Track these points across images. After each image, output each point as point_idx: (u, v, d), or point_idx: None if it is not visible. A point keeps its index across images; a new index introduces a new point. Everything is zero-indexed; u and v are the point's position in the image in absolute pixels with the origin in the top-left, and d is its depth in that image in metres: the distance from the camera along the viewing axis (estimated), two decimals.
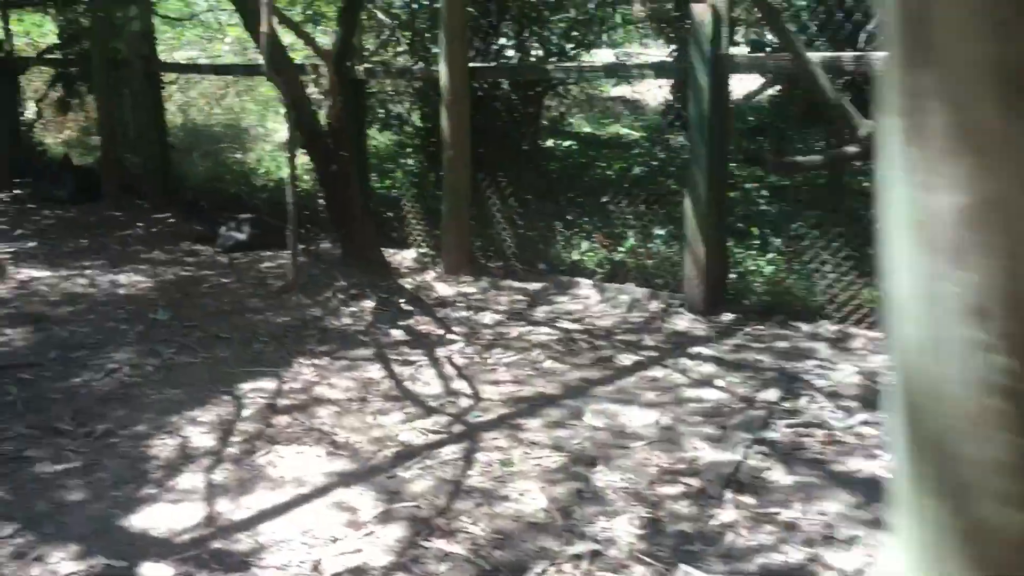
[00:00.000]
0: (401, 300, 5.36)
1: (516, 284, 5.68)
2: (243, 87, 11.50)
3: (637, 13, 9.85)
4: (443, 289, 5.63)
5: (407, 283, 5.74)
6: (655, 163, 9.02)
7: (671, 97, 12.26)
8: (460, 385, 4.08)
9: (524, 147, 7.19)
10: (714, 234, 4.77)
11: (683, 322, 4.85)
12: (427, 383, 4.11)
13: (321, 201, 6.99)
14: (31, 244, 6.88)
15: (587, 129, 11.97)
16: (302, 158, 7.52)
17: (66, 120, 10.52)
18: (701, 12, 4.52)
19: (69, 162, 9.10)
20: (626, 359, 4.36)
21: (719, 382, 4.04)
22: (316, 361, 4.38)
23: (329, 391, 4.02)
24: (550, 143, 8.71)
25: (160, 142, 8.28)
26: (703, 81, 4.58)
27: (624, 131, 12.90)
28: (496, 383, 4.09)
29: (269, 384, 4.10)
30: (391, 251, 6.26)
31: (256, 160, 9.43)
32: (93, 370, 4.28)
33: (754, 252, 5.30)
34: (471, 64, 5.65)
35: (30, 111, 10.29)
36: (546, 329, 4.81)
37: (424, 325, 4.92)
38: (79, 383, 4.13)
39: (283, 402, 3.90)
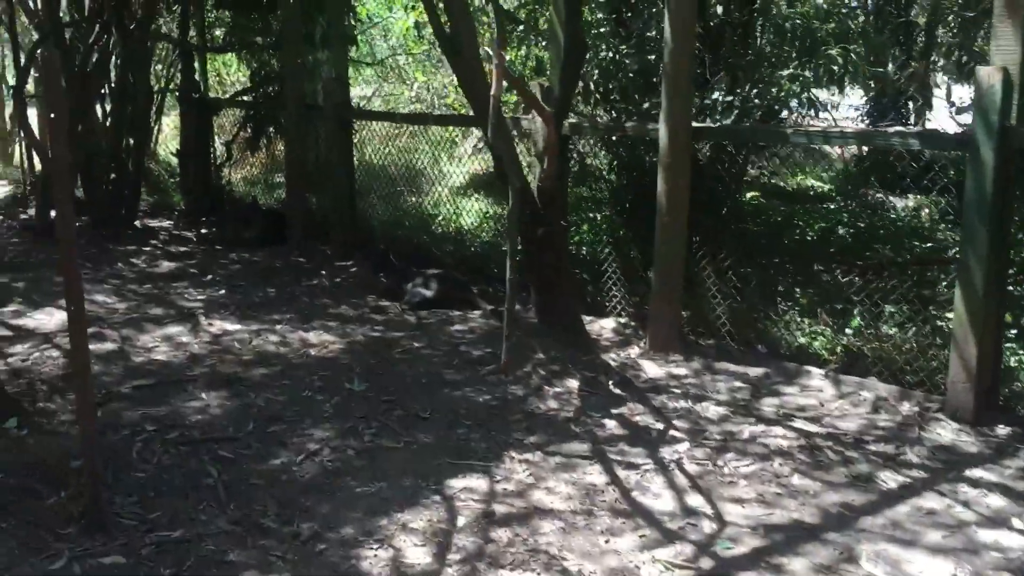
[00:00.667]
0: (609, 381, 4.88)
1: (733, 367, 5.10)
2: (417, 128, 11.47)
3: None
4: (652, 369, 5.11)
5: (611, 359, 5.25)
6: (860, 225, 8.23)
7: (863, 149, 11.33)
8: (696, 501, 3.54)
9: (725, 207, 6.60)
10: (992, 332, 4.04)
11: (946, 433, 4.14)
12: (657, 495, 3.59)
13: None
14: (221, 292, 6.83)
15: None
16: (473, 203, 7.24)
17: (248, 159, 10.68)
18: (989, 76, 3.86)
19: (257, 204, 9.17)
20: (888, 479, 3.70)
21: (1017, 523, 3.32)
22: (528, 456, 3.94)
23: (548, 498, 3.56)
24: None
25: (349, 188, 8.17)
26: (987, 156, 3.90)
27: (812, 182, 12.07)
28: (739, 501, 3.53)
29: (480, 483, 3.69)
30: (586, 319, 5.79)
31: (433, 204, 9.22)
32: (293, 450, 4.00)
33: None
34: (695, 124, 5.14)
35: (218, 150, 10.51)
36: (781, 430, 4.20)
37: (639, 415, 4.41)
38: (280, 466, 3.84)
39: (499, 509, 3.47)
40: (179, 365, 5.14)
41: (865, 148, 10.94)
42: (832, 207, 9.61)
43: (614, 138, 6.05)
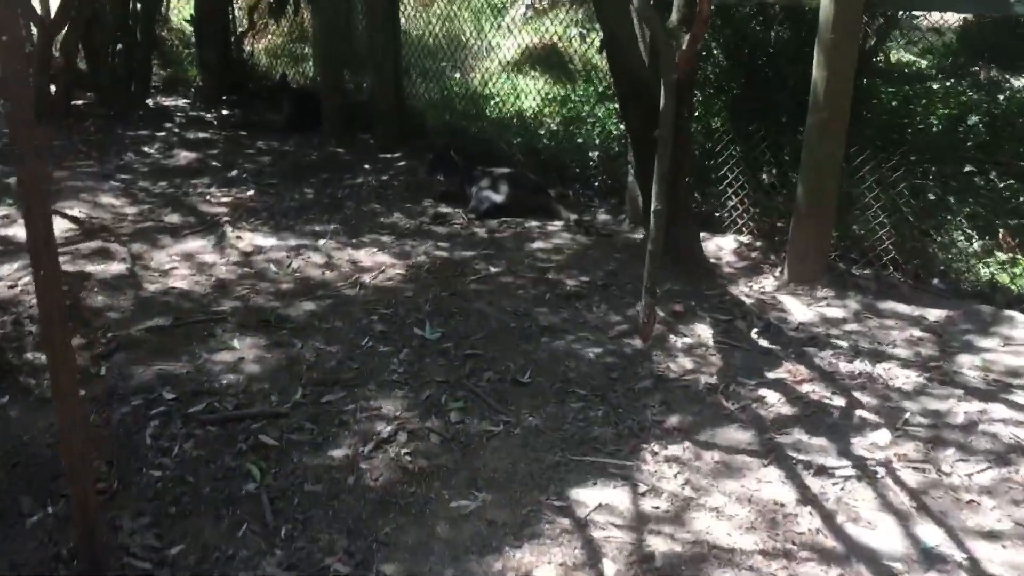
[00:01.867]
0: (750, 328, 3.79)
1: (902, 308, 3.99)
2: None
3: None
4: (798, 309, 4.00)
5: (742, 294, 4.14)
6: (995, 112, 6.90)
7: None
8: (932, 535, 2.51)
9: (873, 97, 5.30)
10: None
11: None
12: (872, 523, 2.56)
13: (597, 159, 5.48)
14: (249, 192, 5.72)
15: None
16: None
17: (271, 27, 9.30)
18: None
19: (285, 83, 7.93)
20: None
21: None
22: (675, 451, 2.91)
23: (720, 525, 2.54)
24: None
25: (394, 65, 6.91)
26: None
27: (907, 57, 10.51)
28: (993, 537, 2.50)
29: (620, 496, 2.68)
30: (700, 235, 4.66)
31: (482, 83, 7.93)
32: (357, 434, 2.99)
33: None
34: None
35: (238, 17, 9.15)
36: (1004, 410, 3.12)
37: (806, 383, 3.34)
38: (343, 460, 2.84)
39: (657, 545, 2.45)
40: (203, 296, 4.10)
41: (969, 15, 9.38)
42: (938, 88, 8.21)
43: (750, 9, 4.72)
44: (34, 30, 7.94)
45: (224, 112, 8.39)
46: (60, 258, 4.37)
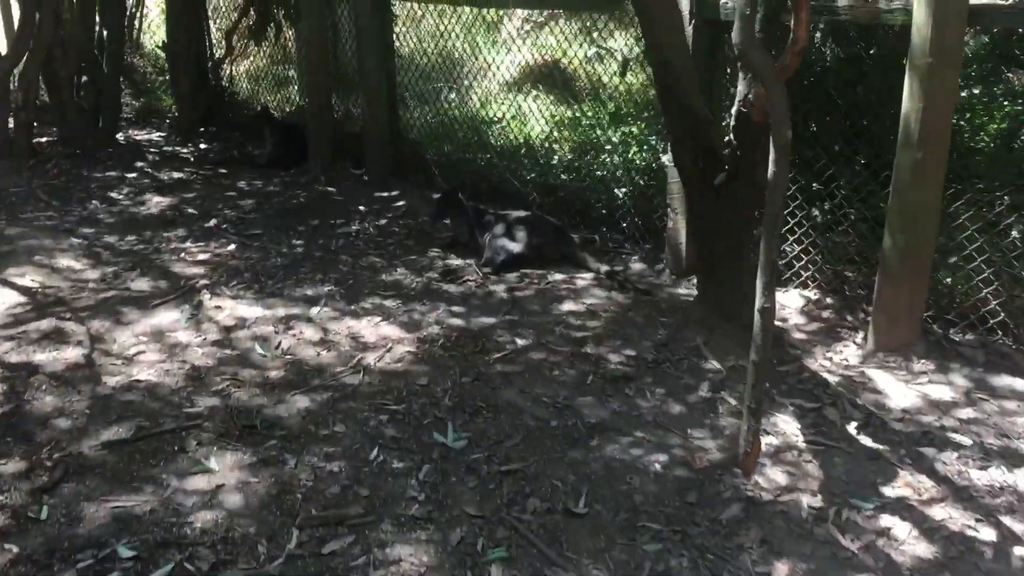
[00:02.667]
0: (843, 418, 3.08)
1: (1021, 385, 3.28)
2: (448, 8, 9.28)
3: None
4: (893, 389, 3.31)
5: (822, 369, 3.45)
6: None
7: None
8: None
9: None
10: None
11: None
12: None
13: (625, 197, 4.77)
14: (230, 247, 4.98)
15: None
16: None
17: (251, 50, 8.55)
18: None
19: (267, 113, 7.19)
20: None
21: None
22: None
23: None
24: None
25: (388, 90, 6.20)
26: None
27: None
28: None
29: None
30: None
31: (480, 103, 7.22)
32: None
33: None
34: (974, 1, 3.17)
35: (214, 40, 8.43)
36: None
37: (936, 502, 2.64)
38: None
39: None
40: (174, 391, 3.38)
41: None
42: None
43: (814, 27, 4.04)
44: None
45: (202, 146, 7.67)
46: (4, 346, 3.66)
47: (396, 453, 2.97)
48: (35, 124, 7.24)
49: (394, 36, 6.29)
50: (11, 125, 7.05)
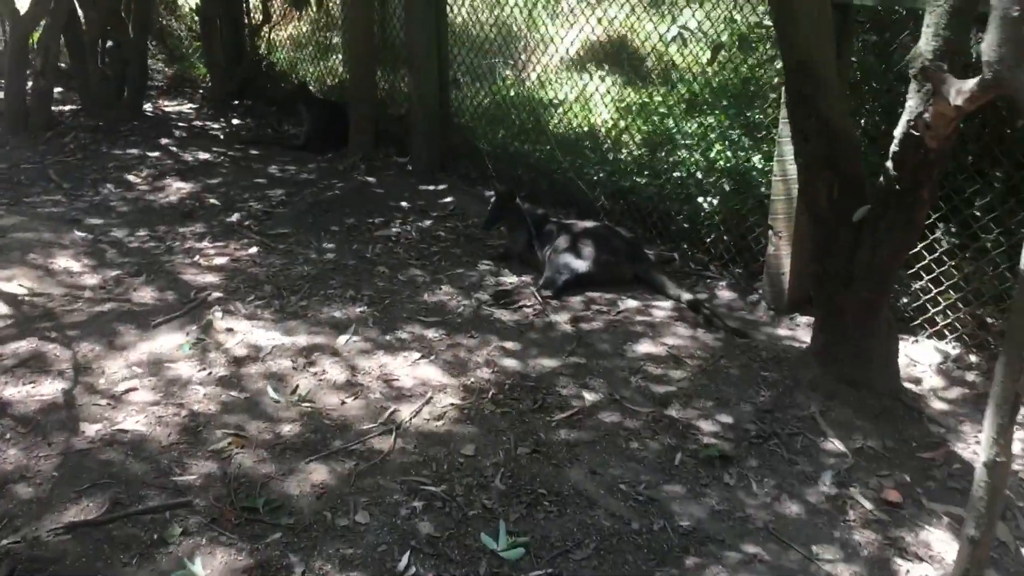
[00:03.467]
0: (1020, 543, 2.33)
1: None
2: None
3: None
4: None
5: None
6: None
7: None
8: None
9: None
10: None
11: None
12: None
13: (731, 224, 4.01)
14: (251, 250, 4.32)
15: None
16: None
17: (291, 17, 7.84)
18: None
19: (305, 90, 6.50)
20: None
21: None
22: None
23: None
24: None
25: (439, 70, 5.47)
26: None
27: None
28: None
29: None
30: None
31: (539, 83, 6.46)
32: None
33: None
34: None
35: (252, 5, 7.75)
36: None
37: None
38: None
39: None
40: (163, 450, 2.75)
41: None
42: None
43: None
44: (6, 25, 6.64)
45: (235, 121, 7.03)
46: None
47: (432, 562, 2.29)
48: (55, 92, 6.65)
49: (447, 3, 5.53)
50: (29, 93, 6.47)
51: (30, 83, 6.49)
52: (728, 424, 2.91)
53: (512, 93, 6.09)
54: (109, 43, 6.88)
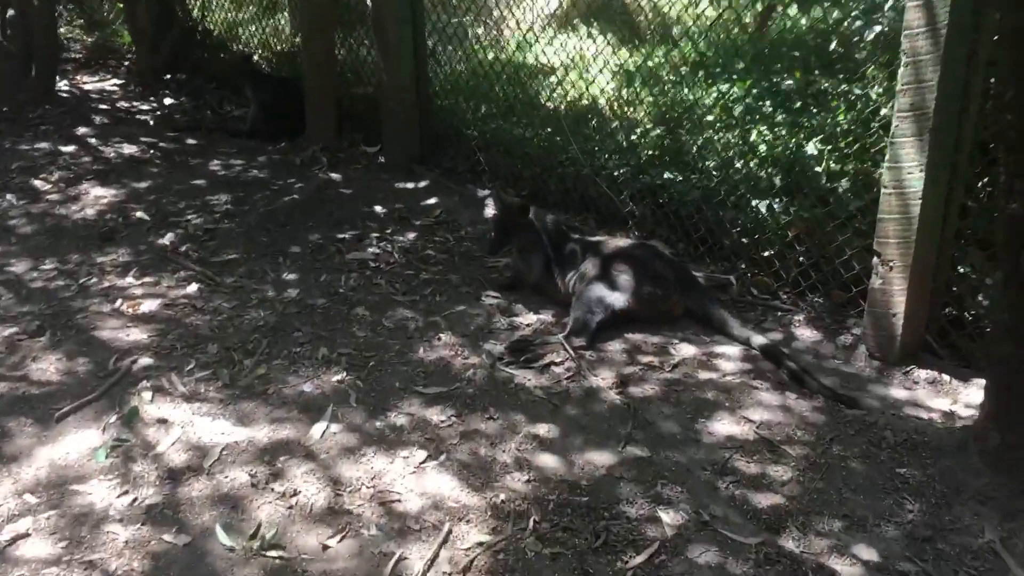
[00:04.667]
0: None
1: None
2: None
3: None
4: None
5: None
6: None
7: None
8: None
9: None
10: None
11: None
12: None
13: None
14: (190, 289, 3.34)
15: None
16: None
17: None
18: None
19: (251, 65, 5.45)
20: None
21: None
22: None
23: None
24: None
25: (414, 38, 4.47)
26: None
27: None
28: None
29: None
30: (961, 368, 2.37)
31: (523, 46, 5.49)
32: None
33: None
34: None
35: None
36: None
37: None
38: None
39: None
40: None
41: None
42: None
43: None
44: None
45: (167, 101, 5.96)
46: None
47: None
48: None
49: None
50: None
51: None
52: (874, 563, 2.06)
53: (490, 57, 5.09)
54: (10, 12, 5.73)
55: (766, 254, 3.36)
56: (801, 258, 3.23)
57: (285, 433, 2.54)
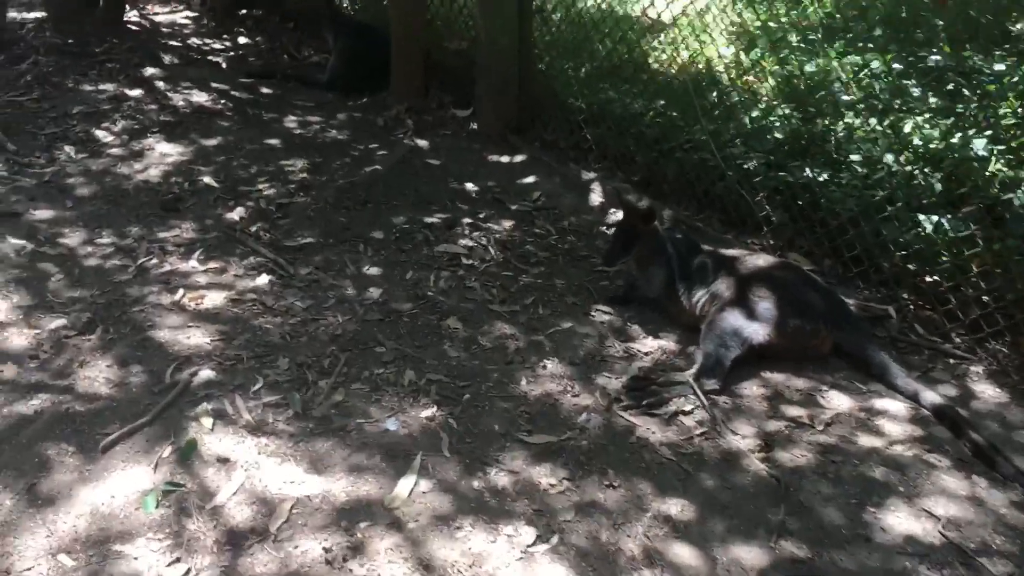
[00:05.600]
0: None
1: None
2: None
3: None
4: None
5: None
6: None
7: None
8: None
9: None
10: None
11: None
12: None
13: None
14: (260, 280, 2.94)
15: None
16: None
17: None
18: None
19: (334, 9, 4.95)
20: None
21: None
22: None
23: None
24: None
25: (520, 3, 3.92)
26: None
27: None
28: None
29: None
30: None
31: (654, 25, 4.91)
32: None
33: None
34: None
35: None
36: None
37: None
38: None
39: None
40: None
41: None
42: None
43: None
44: None
45: (241, 40, 5.51)
46: None
47: None
48: (7, 3, 5.15)
49: None
50: None
51: None
52: None
53: (589, 2, 4.49)
54: None
55: (935, 281, 2.81)
56: (985, 297, 2.67)
57: (366, 488, 2.12)
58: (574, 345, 2.74)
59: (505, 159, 3.94)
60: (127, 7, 5.55)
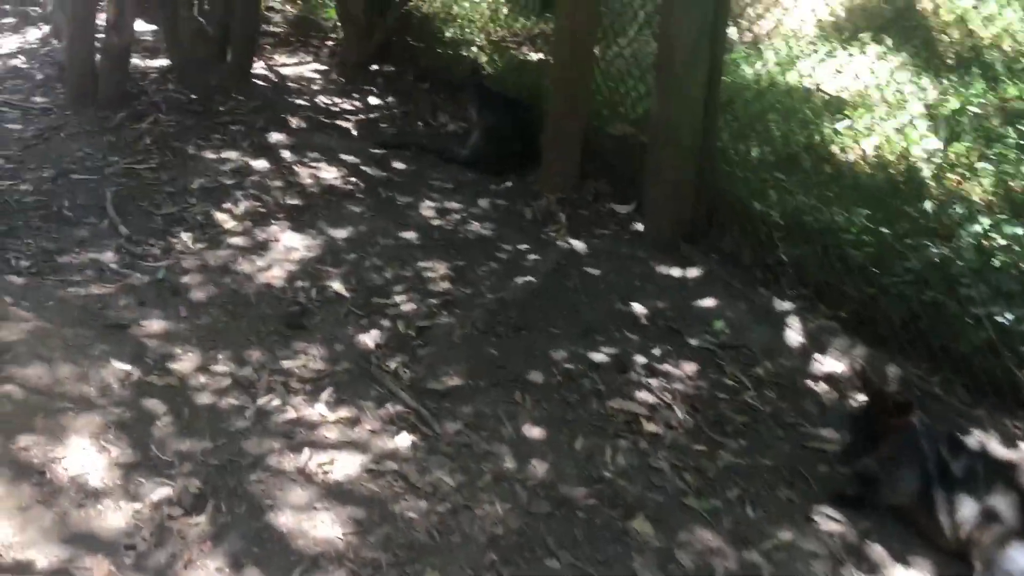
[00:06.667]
0: None
1: None
2: None
3: None
4: None
5: None
6: None
7: None
8: None
9: None
10: None
11: None
12: None
13: None
14: (402, 441, 2.41)
15: None
16: None
17: None
18: None
19: (478, 78, 4.48)
20: None
21: None
22: None
23: None
24: None
25: (709, 86, 3.32)
26: None
27: None
28: None
29: None
30: None
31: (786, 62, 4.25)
32: None
33: None
34: None
35: None
36: None
37: None
38: None
39: None
40: None
41: None
42: None
43: None
44: None
45: (371, 101, 5.07)
46: None
47: None
48: (131, 52, 4.83)
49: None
50: (98, 56, 4.67)
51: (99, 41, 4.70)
52: None
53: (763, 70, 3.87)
54: None
55: None
56: None
57: None
58: (798, 571, 2.11)
59: (676, 272, 3.35)
60: (254, 58, 5.17)
